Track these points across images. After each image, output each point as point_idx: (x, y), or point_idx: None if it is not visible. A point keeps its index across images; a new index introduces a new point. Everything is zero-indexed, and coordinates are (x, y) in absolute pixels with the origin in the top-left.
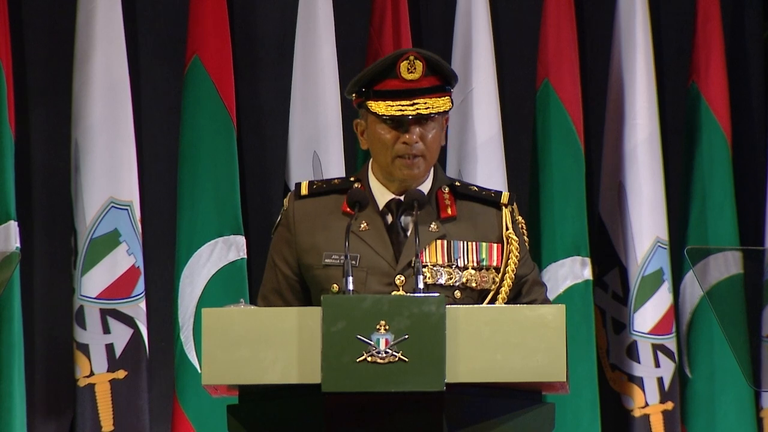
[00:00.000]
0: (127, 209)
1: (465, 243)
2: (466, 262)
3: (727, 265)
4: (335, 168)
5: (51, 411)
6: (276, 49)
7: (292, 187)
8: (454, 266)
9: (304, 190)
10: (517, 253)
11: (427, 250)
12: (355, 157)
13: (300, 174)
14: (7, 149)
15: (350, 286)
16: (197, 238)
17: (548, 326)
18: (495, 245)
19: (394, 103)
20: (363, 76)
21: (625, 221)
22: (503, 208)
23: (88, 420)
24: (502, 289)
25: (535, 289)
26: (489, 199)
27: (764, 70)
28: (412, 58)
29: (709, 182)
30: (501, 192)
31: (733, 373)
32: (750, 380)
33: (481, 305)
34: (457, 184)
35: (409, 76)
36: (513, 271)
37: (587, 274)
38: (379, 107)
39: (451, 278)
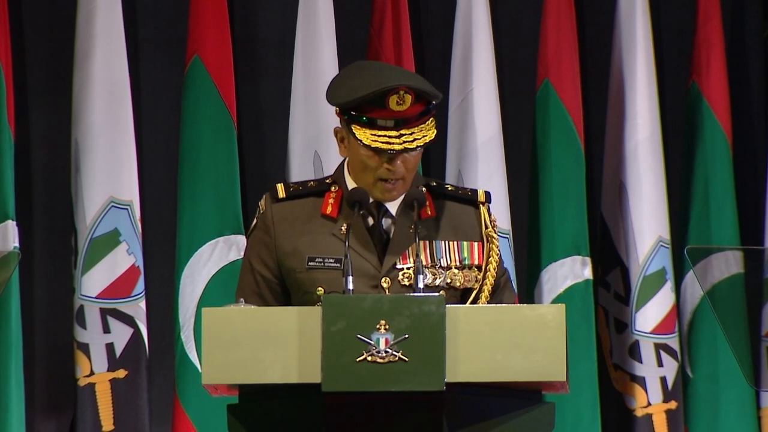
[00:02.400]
0: (127, 209)
1: (446, 243)
2: (448, 262)
3: (727, 264)
4: None
5: (51, 410)
6: (276, 49)
7: None
8: (437, 266)
9: (280, 193)
10: (498, 251)
11: (410, 251)
12: None
13: (300, 174)
14: (6, 149)
15: (350, 286)
16: (198, 238)
17: (548, 326)
18: (476, 244)
19: (380, 134)
20: (350, 101)
21: (627, 221)
22: (481, 206)
23: (89, 419)
24: (485, 287)
25: (506, 293)
26: (466, 197)
27: (764, 70)
28: (402, 92)
29: (709, 182)
30: (477, 190)
31: (734, 372)
32: (750, 380)
33: (481, 305)
34: (434, 183)
35: (398, 108)
36: (495, 269)
37: (587, 273)
38: (365, 136)
39: (435, 279)
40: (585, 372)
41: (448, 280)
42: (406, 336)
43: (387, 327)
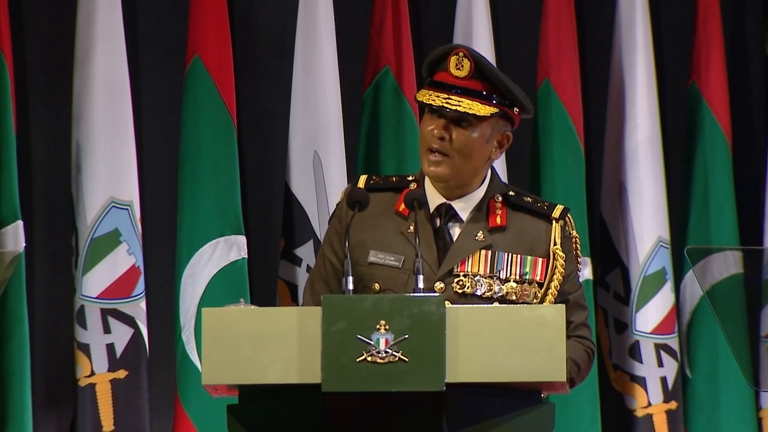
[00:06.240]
0: (127, 209)
1: (510, 255)
2: (508, 275)
3: (727, 264)
4: (336, 168)
5: (52, 410)
6: (276, 49)
7: (292, 187)
8: (495, 278)
9: (360, 185)
10: (563, 270)
11: (470, 259)
12: (356, 156)
13: (300, 174)
14: (12, 150)
15: (350, 286)
16: (198, 238)
17: (548, 326)
18: (540, 259)
19: (431, 91)
20: (426, 65)
21: (627, 221)
22: (554, 222)
23: (89, 420)
24: (544, 304)
25: (575, 311)
26: (541, 211)
27: (764, 70)
28: (461, 54)
29: (709, 182)
30: (555, 205)
31: (733, 373)
32: (750, 380)
33: (480, 305)
34: (512, 193)
35: (457, 73)
36: (556, 287)
37: (587, 273)
38: (421, 93)
39: (490, 290)
40: None
41: (504, 293)
42: (406, 336)
43: (387, 327)
